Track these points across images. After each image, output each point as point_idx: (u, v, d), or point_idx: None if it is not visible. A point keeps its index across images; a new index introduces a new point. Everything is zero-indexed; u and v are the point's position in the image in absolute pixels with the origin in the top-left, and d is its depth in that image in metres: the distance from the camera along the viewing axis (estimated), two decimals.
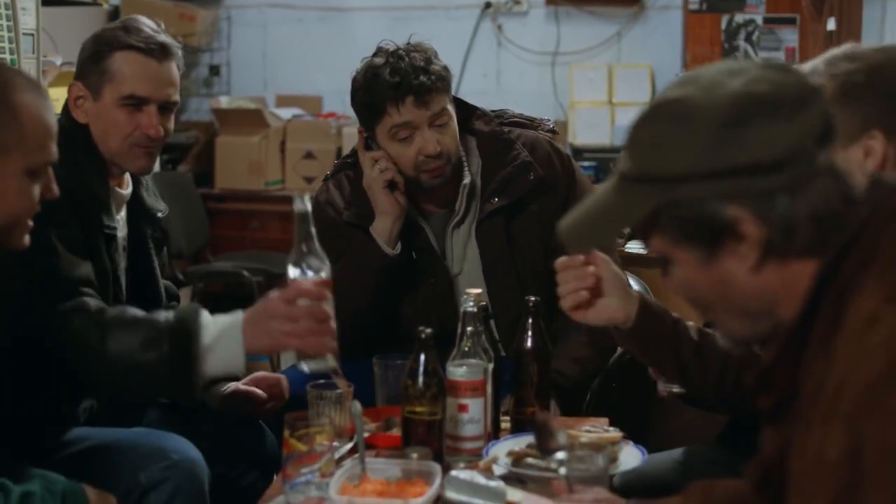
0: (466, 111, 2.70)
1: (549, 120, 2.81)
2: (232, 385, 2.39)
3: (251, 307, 1.96)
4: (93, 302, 2.05)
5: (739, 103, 1.24)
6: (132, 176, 2.38)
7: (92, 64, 2.27)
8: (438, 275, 2.62)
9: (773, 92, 1.24)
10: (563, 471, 1.67)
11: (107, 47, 2.26)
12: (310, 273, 1.89)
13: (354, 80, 2.58)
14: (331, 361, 1.93)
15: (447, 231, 2.64)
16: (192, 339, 1.92)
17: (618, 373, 2.70)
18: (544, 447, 1.78)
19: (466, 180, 2.62)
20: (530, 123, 2.75)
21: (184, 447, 2.13)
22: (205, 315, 1.96)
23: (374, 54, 2.57)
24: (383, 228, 2.56)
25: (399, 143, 2.53)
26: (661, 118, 1.30)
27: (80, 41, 2.35)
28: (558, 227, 1.42)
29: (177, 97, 2.33)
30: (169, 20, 6.09)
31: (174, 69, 2.32)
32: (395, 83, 2.48)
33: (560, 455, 1.71)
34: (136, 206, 2.39)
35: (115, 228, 2.28)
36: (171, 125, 2.34)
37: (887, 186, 1.28)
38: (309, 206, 1.88)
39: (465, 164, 2.63)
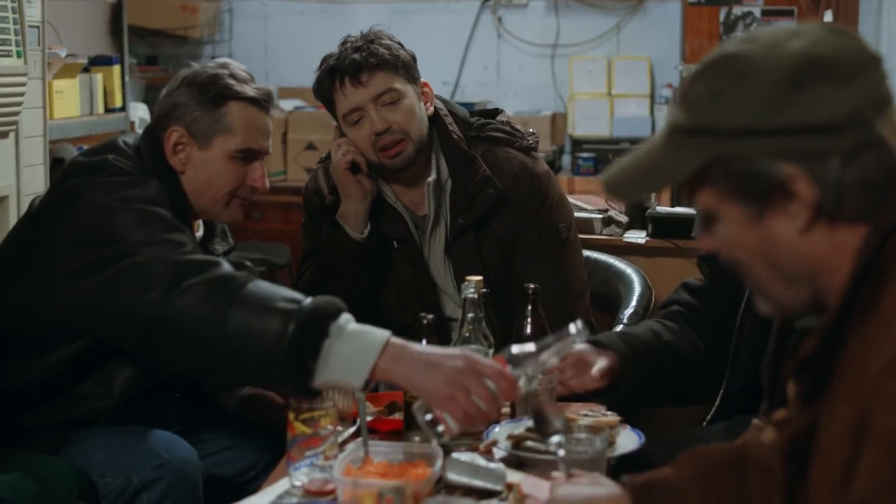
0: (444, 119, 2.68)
1: (532, 134, 2.75)
2: (251, 388, 2.41)
3: (429, 346, 1.88)
4: (228, 269, 1.95)
5: (800, 64, 1.23)
6: (204, 221, 2.34)
7: (202, 112, 2.20)
8: (416, 264, 2.65)
9: (834, 55, 1.24)
10: (561, 452, 1.70)
11: (218, 95, 2.20)
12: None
13: None
14: (443, 440, 1.79)
15: (426, 233, 2.66)
16: (326, 320, 1.78)
17: None
18: (543, 431, 1.81)
19: (431, 178, 2.62)
20: (508, 139, 2.71)
21: (176, 446, 2.12)
22: (347, 313, 1.83)
23: (339, 46, 2.62)
24: (346, 211, 2.59)
25: (353, 127, 2.57)
26: (719, 72, 1.28)
27: (83, 33, 2.35)
28: (601, 177, 1.40)
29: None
30: (171, 12, 6.15)
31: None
32: (332, 67, 2.55)
33: (557, 438, 1.74)
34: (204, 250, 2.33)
35: None
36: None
37: None
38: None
39: (434, 161, 2.64)
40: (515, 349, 1.81)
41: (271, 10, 6.72)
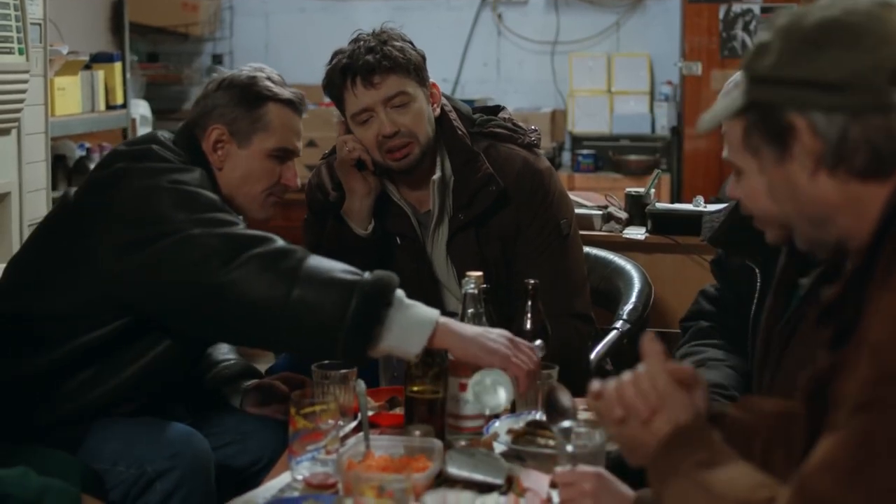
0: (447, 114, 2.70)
1: (534, 130, 2.78)
2: (255, 381, 2.43)
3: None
4: (285, 245, 2.04)
5: (827, 26, 1.33)
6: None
7: (242, 111, 2.27)
8: (419, 262, 2.67)
9: (864, 24, 1.32)
10: (569, 448, 1.70)
11: (258, 96, 2.28)
12: None
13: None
14: (503, 402, 1.96)
15: (429, 229, 2.68)
16: (387, 292, 1.93)
17: (612, 356, 2.76)
18: (552, 416, 1.83)
19: (436, 175, 2.63)
20: (511, 135, 2.73)
21: (189, 436, 2.14)
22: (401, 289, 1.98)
23: (350, 43, 2.61)
24: (351, 207, 2.61)
25: (361, 126, 2.58)
26: (769, 27, 1.40)
27: (85, 30, 2.39)
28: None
29: None
30: (172, 10, 6.16)
31: None
32: (344, 66, 2.54)
33: (567, 423, 1.75)
34: None
35: None
36: None
37: None
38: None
39: (439, 159, 2.65)
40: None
41: (272, 7, 6.74)
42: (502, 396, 1.95)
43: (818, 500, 1.18)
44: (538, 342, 2.10)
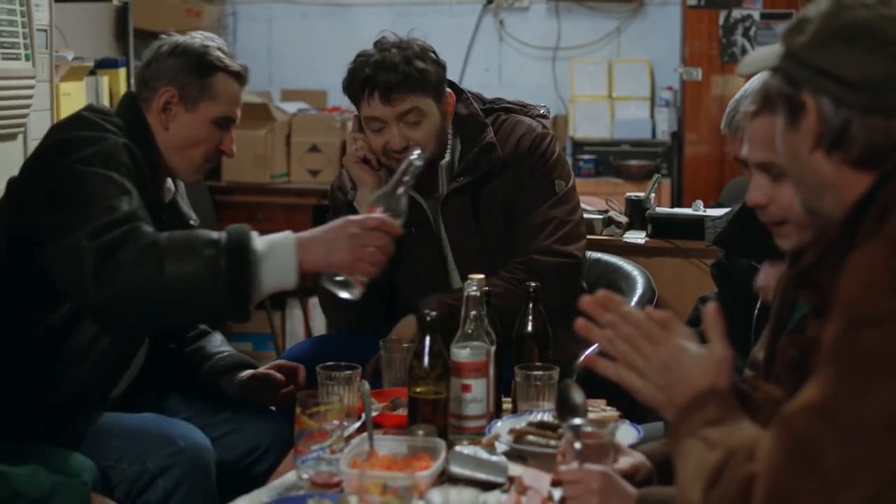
0: (456, 94, 2.80)
1: (542, 106, 2.93)
2: (250, 371, 2.47)
3: (311, 229, 2.07)
4: (147, 228, 2.06)
5: (860, 25, 1.40)
6: (173, 182, 2.47)
7: (194, 78, 2.35)
8: (433, 249, 2.75)
9: (892, 33, 1.40)
10: (577, 445, 1.72)
11: (209, 66, 2.36)
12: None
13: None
14: (358, 293, 2.10)
15: (438, 211, 2.76)
16: (246, 251, 1.98)
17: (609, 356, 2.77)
18: (563, 412, 1.85)
19: (445, 160, 2.73)
20: (521, 109, 2.86)
21: (191, 433, 2.19)
22: (254, 233, 2.03)
23: (374, 45, 2.68)
24: (362, 198, 2.68)
25: (372, 132, 2.66)
26: (818, 7, 1.46)
27: (90, 36, 2.44)
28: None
29: None
30: (176, 15, 6.19)
31: None
32: (366, 77, 2.60)
33: (577, 421, 1.77)
34: (173, 212, 2.47)
35: (160, 221, 2.32)
36: None
37: None
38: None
39: (449, 146, 2.74)
40: (376, 193, 2.17)
41: (274, 13, 6.76)
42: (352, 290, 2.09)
43: (797, 436, 1.25)
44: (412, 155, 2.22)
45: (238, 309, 1.98)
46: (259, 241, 2.00)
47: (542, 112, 2.89)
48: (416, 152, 2.27)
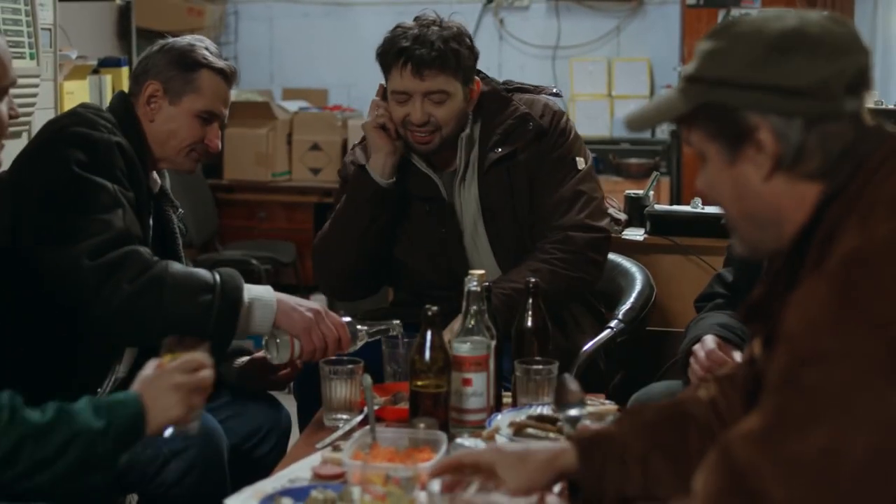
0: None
1: (553, 87, 2.98)
2: (247, 357, 2.51)
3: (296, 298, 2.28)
4: (147, 252, 2.20)
5: (789, 35, 1.41)
6: (158, 173, 2.52)
7: (178, 71, 2.42)
8: (448, 225, 2.78)
9: (822, 34, 1.40)
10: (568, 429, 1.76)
11: (195, 62, 2.43)
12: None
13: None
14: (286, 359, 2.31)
15: (455, 186, 2.79)
16: (238, 293, 2.19)
17: (604, 353, 2.81)
18: (560, 402, 1.88)
19: (465, 133, 2.76)
20: (533, 89, 2.90)
21: (203, 417, 2.22)
22: (244, 287, 2.22)
23: (414, 19, 2.75)
24: (376, 163, 2.73)
25: (396, 102, 2.71)
26: (724, 33, 1.46)
27: (93, 36, 2.48)
28: (625, 117, 1.59)
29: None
30: (178, 15, 6.22)
31: None
32: (402, 48, 2.65)
33: (574, 412, 1.81)
34: (163, 198, 2.53)
35: (150, 212, 2.41)
36: None
37: (883, 136, 1.43)
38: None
39: (470, 120, 2.77)
40: (352, 320, 2.34)
41: (276, 12, 6.80)
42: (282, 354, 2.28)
43: (735, 464, 1.27)
44: (361, 328, 2.34)
45: (218, 350, 2.16)
46: (251, 293, 2.22)
47: (555, 91, 2.95)
48: (398, 328, 2.37)
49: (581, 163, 2.81)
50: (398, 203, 2.77)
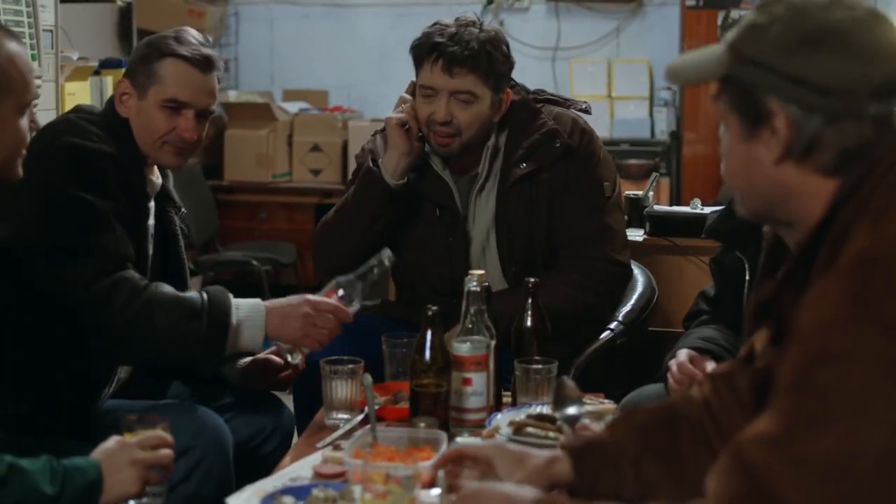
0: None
1: (583, 102, 2.94)
2: (249, 357, 2.52)
3: (278, 300, 2.30)
4: (137, 277, 2.22)
5: (826, 29, 1.40)
6: (160, 171, 2.51)
7: (141, 65, 2.39)
8: (456, 234, 2.76)
9: (858, 34, 1.40)
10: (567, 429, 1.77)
11: (157, 52, 2.39)
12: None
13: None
14: (298, 360, 2.37)
15: (472, 194, 2.77)
16: (226, 317, 2.21)
17: (604, 354, 2.82)
18: (558, 403, 1.89)
19: (491, 142, 2.74)
20: (563, 102, 2.88)
21: (211, 416, 2.27)
22: (230, 296, 2.25)
23: (455, 18, 2.73)
24: (389, 161, 2.71)
25: (422, 98, 2.69)
26: (770, 11, 1.45)
27: (94, 37, 2.47)
28: (667, 67, 1.58)
29: (214, 107, 2.46)
30: (179, 16, 6.23)
31: (214, 81, 2.44)
32: (437, 43, 2.63)
33: (572, 410, 1.82)
34: (164, 198, 2.52)
35: (148, 214, 2.42)
36: (205, 131, 2.46)
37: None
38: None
39: (495, 132, 2.74)
40: (340, 279, 2.32)
41: (276, 13, 6.81)
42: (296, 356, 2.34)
43: (749, 467, 1.26)
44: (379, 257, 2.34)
45: (207, 367, 2.37)
46: (238, 312, 2.25)
47: (583, 107, 2.90)
48: (388, 253, 2.33)
49: (608, 188, 2.79)
50: (409, 202, 2.75)
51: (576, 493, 1.64)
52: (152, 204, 2.46)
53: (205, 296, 2.24)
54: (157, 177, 2.50)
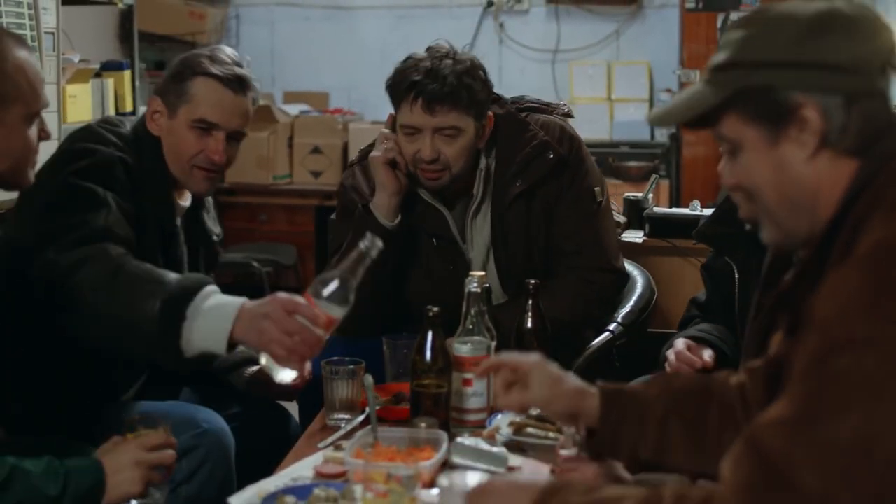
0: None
1: (564, 104, 2.89)
2: (257, 366, 2.52)
3: (259, 300, 1.99)
4: (119, 251, 2.09)
5: (823, 16, 1.43)
6: (194, 196, 2.47)
7: (173, 84, 2.36)
8: (457, 262, 2.71)
9: (852, 16, 1.44)
10: (573, 430, 1.79)
11: (189, 71, 2.35)
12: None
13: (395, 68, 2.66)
14: (289, 378, 2.02)
15: (467, 216, 2.73)
16: (185, 301, 1.96)
17: (603, 355, 2.83)
18: None
19: (483, 164, 2.70)
20: (545, 108, 2.83)
21: (213, 418, 2.26)
22: (210, 287, 2.01)
23: (427, 50, 2.64)
24: (381, 202, 2.65)
25: (405, 136, 2.61)
26: (756, 20, 1.48)
27: (95, 39, 2.47)
28: (650, 114, 1.60)
29: (245, 129, 2.41)
30: (180, 18, 6.24)
31: (248, 102, 2.40)
32: (414, 82, 2.55)
33: None
34: (194, 223, 2.49)
35: (175, 226, 2.39)
36: (235, 154, 2.42)
37: None
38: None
39: (484, 154, 2.70)
40: (320, 277, 2.01)
41: (277, 15, 6.82)
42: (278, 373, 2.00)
43: (768, 454, 1.27)
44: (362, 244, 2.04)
45: (169, 358, 1.99)
46: (206, 300, 1.98)
47: (566, 111, 2.85)
48: (378, 244, 2.06)
49: (598, 193, 2.77)
50: (406, 237, 2.69)
51: (595, 435, 1.70)
52: (178, 223, 2.43)
53: (176, 279, 2.03)
54: (185, 199, 2.46)
